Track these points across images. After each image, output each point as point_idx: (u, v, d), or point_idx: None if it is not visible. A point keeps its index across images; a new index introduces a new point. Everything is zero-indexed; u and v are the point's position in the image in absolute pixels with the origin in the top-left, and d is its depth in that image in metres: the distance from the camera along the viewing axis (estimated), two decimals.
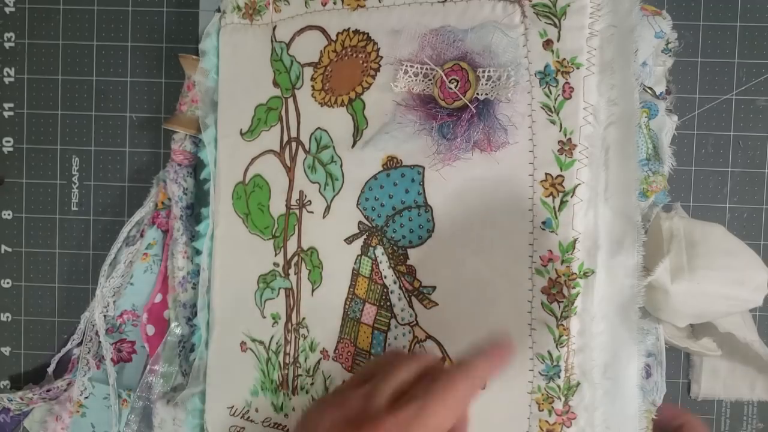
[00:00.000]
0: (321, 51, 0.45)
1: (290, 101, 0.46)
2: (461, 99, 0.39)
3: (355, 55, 0.44)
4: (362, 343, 0.44)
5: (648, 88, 0.46)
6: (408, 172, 0.42)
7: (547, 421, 0.39)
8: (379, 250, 0.43)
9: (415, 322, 0.42)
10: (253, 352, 0.48)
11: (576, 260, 0.38)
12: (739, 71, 0.50)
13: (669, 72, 0.49)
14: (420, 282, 0.42)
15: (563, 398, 0.38)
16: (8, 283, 0.56)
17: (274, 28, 0.47)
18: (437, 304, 0.42)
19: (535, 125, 0.39)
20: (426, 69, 0.41)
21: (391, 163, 0.42)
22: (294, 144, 0.46)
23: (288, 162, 0.47)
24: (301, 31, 0.46)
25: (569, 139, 0.38)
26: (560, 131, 0.38)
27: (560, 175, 0.38)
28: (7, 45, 0.54)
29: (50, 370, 0.54)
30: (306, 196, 0.46)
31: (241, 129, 0.48)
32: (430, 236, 0.42)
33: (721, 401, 0.52)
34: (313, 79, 0.45)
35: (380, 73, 0.43)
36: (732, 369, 0.50)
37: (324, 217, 0.45)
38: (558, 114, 0.38)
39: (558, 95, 0.38)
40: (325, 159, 0.45)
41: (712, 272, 0.42)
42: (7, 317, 0.56)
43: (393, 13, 0.42)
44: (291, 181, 0.47)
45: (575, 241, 0.38)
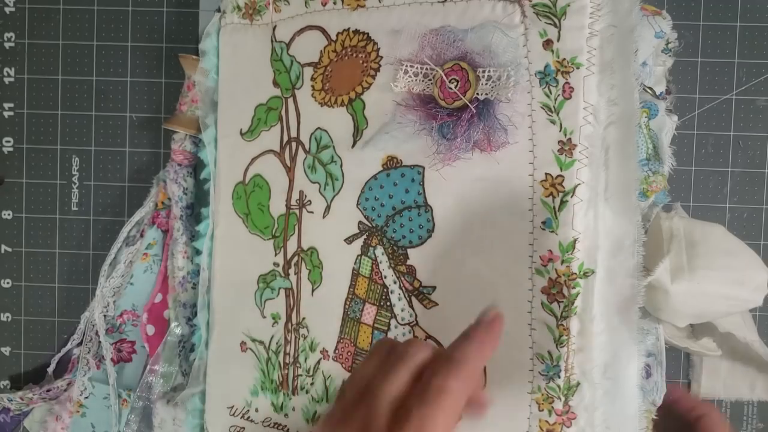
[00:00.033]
0: (321, 51, 0.45)
1: (290, 101, 0.46)
2: (461, 99, 0.39)
3: (355, 55, 0.44)
4: (362, 343, 0.44)
5: (648, 88, 0.46)
6: (408, 172, 0.42)
7: (547, 421, 0.39)
8: (379, 250, 0.43)
9: (415, 322, 0.42)
10: (253, 352, 0.48)
11: (576, 260, 0.38)
12: (739, 71, 0.50)
13: (669, 72, 0.48)
14: (420, 282, 0.42)
15: (563, 398, 0.38)
16: (8, 283, 0.56)
17: (274, 28, 0.47)
18: (437, 304, 0.42)
19: (535, 125, 0.39)
20: (426, 69, 0.41)
21: (391, 163, 0.42)
22: (294, 144, 0.46)
23: (288, 162, 0.47)
24: (301, 31, 0.46)
25: (569, 139, 0.38)
26: (560, 131, 0.38)
27: (560, 175, 0.38)
28: (7, 45, 0.54)
29: (50, 370, 0.54)
30: (306, 196, 0.46)
31: (241, 129, 0.48)
32: (430, 236, 0.42)
33: (721, 401, 0.51)
34: (313, 79, 0.45)
35: (380, 73, 0.42)
36: (732, 369, 0.50)
37: (324, 217, 0.45)
38: (558, 114, 0.38)
39: (558, 95, 0.38)
40: (325, 159, 0.45)
41: (712, 272, 0.42)
42: (7, 317, 0.56)
43: (393, 13, 0.42)
44: (291, 181, 0.47)
45: (575, 241, 0.38)
